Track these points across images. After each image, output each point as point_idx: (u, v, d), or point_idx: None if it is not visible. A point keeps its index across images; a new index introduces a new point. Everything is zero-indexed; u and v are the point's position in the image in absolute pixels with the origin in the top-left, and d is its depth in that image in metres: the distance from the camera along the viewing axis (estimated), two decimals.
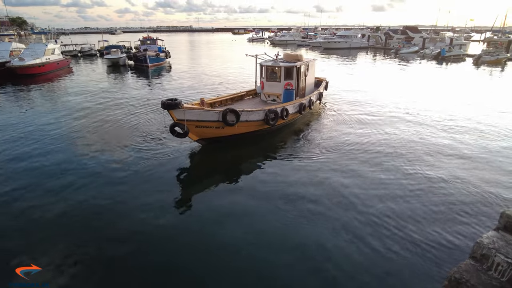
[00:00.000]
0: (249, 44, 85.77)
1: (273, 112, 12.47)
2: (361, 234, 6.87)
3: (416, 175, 9.56)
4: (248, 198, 8.51)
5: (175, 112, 10.16)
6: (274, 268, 6.04)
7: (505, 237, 3.80)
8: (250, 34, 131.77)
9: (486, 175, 9.60)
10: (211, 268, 6.08)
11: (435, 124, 14.59)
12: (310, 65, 16.43)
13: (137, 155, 10.95)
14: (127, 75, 30.98)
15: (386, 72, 33.34)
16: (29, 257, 6.22)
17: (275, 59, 15.53)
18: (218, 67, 36.06)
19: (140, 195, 8.59)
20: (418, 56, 48.86)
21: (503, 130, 13.80)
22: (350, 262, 6.12)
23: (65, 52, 42.04)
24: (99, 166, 10.15)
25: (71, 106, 17.78)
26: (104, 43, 50.65)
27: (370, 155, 11.07)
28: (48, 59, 30.62)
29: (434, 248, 6.42)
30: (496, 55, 39.98)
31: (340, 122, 14.86)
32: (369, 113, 16.34)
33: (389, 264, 6.03)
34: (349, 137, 12.80)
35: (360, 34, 73.04)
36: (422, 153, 11.20)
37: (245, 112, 11.72)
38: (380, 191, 8.63)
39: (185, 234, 7.15)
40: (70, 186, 9.00)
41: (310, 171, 9.91)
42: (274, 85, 15.11)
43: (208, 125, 11.13)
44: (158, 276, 5.89)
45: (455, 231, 6.97)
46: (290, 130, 13.89)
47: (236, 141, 12.12)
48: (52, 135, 12.97)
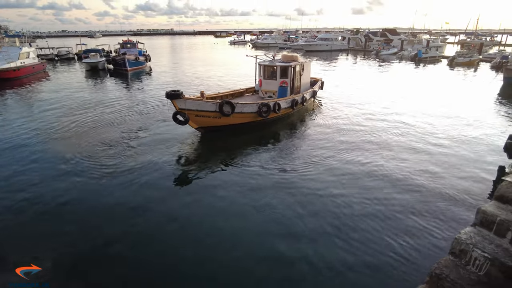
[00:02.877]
0: (231, 47, 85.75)
1: (265, 106, 13.82)
2: (340, 233, 6.94)
3: (385, 174, 9.78)
4: (237, 188, 9.05)
5: (177, 102, 11.75)
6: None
7: (481, 232, 3.89)
8: (232, 37, 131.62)
9: (459, 173, 9.91)
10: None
11: (410, 124, 14.98)
12: (305, 66, 17.59)
13: (126, 152, 10.88)
14: (106, 79, 30.27)
15: (369, 73, 34.06)
16: (29, 257, 6.25)
17: (272, 59, 16.81)
18: (199, 70, 35.81)
19: (138, 192, 8.83)
20: (397, 57, 50.13)
21: (469, 132, 14.29)
22: (331, 257, 6.16)
23: (41, 56, 40.69)
24: (88, 167, 10.08)
25: (47, 110, 17.22)
26: (82, 46, 49.35)
27: (346, 145, 12.22)
28: (23, 63, 29.55)
29: (416, 245, 6.55)
30: (469, 56, 41.47)
31: (330, 118, 16.25)
32: (354, 108, 17.98)
33: (372, 263, 6.10)
34: (334, 130, 14.28)
35: (341, 37, 74.31)
36: (393, 151, 11.51)
37: (239, 104, 13.15)
38: (353, 189, 8.80)
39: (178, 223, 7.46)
40: (66, 186, 9.08)
41: (297, 159, 11.17)
42: (271, 83, 16.38)
43: (207, 114, 12.55)
44: (158, 274, 5.94)
45: (438, 228, 7.14)
46: (284, 123, 15.29)
47: (233, 131, 13.42)
48: (31, 139, 12.54)
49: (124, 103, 19.23)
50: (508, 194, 4.11)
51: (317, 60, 46.52)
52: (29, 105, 19.16)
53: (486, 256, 3.54)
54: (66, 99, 20.38)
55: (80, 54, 44.75)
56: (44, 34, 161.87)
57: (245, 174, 9.85)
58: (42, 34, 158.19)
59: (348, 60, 49.17)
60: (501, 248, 3.63)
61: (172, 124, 13.07)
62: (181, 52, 69.44)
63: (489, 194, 8.58)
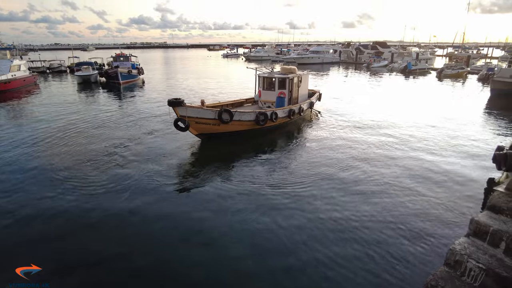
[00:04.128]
0: (223, 60, 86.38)
1: (263, 114, 14.47)
2: (332, 244, 6.88)
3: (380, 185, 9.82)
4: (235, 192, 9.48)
5: (179, 109, 12.36)
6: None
7: (475, 243, 3.90)
8: (225, 50, 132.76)
9: (450, 184, 10.00)
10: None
11: (401, 135, 15.16)
12: (303, 78, 18.40)
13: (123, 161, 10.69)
14: (98, 92, 30.11)
15: (361, 85, 34.51)
16: (29, 257, 6.31)
17: (271, 71, 17.64)
18: (192, 82, 35.93)
19: (137, 194, 9.13)
20: (387, 69, 51.02)
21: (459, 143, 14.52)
22: (328, 272, 6.08)
23: (33, 69, 40.51)
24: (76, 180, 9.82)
25: (37, 122, 17.01)
26: (75, 59, 49.27)
27: (340, 154, 12.58)
28: (14, 75, 29.37)
29: (411, 257, 6.52)
30: (457, 69, 42.43)
31: (324, 127, 16.87)
32: (347, 117, 18.67)
33: (366, 277, 6.04)
34: (329, 139, 14.83)
35: (332, 50, 75.55)
36: (383, 164, 11.59)
37: (238, 113, 13.86)
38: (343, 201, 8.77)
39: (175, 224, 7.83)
40: (70, 187, 9.44)
41: (291, 165, 11.80)
42: (269, 94, 17.15)
43: (206, 122, 13.14)
44: (158, 274, 6.06)
45: (431, 238, 7.13)
46: (281, 131, 15.97)
47: (231, 138, 14.02)
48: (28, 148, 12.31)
49: (116, 115, 19.13)
50: (499, 204, 4.14)
51: (310, 73, 46.99)
52: (19, 118, 18.94)
53: (481, 267, 3.53)
54: (56, 113, 20.16)
55: (72, 67, 44.60)
56: (36, 47, 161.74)
57: (239, 186, 9.79)
58: (35, 47, 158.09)
59: (340, 73, 49.84)
60: (495, 259, 3.63)
61: (168, 134, 13.09)
62: (174, 65, 69.70)
63: (481, 204, 8.63)
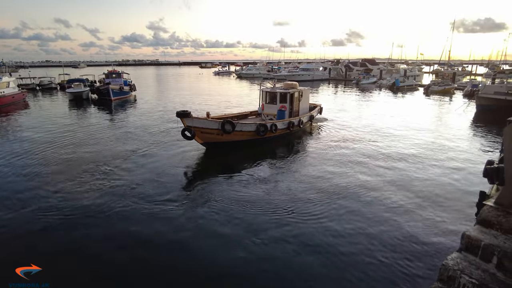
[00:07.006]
0: (215, 77, 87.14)
1: (263, 126, 15.82)
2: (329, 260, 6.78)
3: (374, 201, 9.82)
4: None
5: (186, 120, 13.67)
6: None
7: (467, 258, 3.87)
8: (216, 68, 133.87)
9: (441, 199, 10.07)
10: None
11: (391, 151, 15.35)
12: (304, 93, 20.01)
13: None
14: (89, 109, 29.92)
15: (350, 102, 35.04)
16: (29, 257, 6.36)
17: (273, 86, 19.37)
18: (184, 99, 36.08)
19: (141, 193, 9.63)
20: (376, 86, 52.04)
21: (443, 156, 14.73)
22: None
23: (22, 86, 40.20)
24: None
25: (25, 140, 16.74)
26: (65, 76, 49.16)
27: (337, 161, 12.46)
28: (3, 92, 29.10)
29: (404, 273, 6.45)
30: (443, 85, 43.53)
31: (323, 139, 17.86)
32: (341, 130, 19.20)
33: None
34: (328, 149, 15.69)
35: (322, 67, 76.96)
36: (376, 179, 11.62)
37: (239, 124, 15.36)
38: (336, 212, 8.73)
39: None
40: (73, 187, 9.76)
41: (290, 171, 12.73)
42: (271, 107, 18.72)
43: (211, 131, 14.49)
44: (158, 275, 6.11)
45: (424, 254, 7.09)
46: (281, 142, 17.07)
47: (234, 147, 15.13)
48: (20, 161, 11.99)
49: (106, 131, 18.98)
50: (490, 218, 4.15)
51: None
52: (7, 134, 18.63)
53: (474, 282, 3.49)
54: (45, 130, 19.90)
55: (63, 84, 44.43)
56: (27, 64, 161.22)
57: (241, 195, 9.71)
58: (25, 64, 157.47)
59: (330, 89, 50.62)
60: (488, 274, 3.60)
61: (168, 145, 14.42)
62: (166, 82, 69.99)
63: (473, 218, 8.66)
